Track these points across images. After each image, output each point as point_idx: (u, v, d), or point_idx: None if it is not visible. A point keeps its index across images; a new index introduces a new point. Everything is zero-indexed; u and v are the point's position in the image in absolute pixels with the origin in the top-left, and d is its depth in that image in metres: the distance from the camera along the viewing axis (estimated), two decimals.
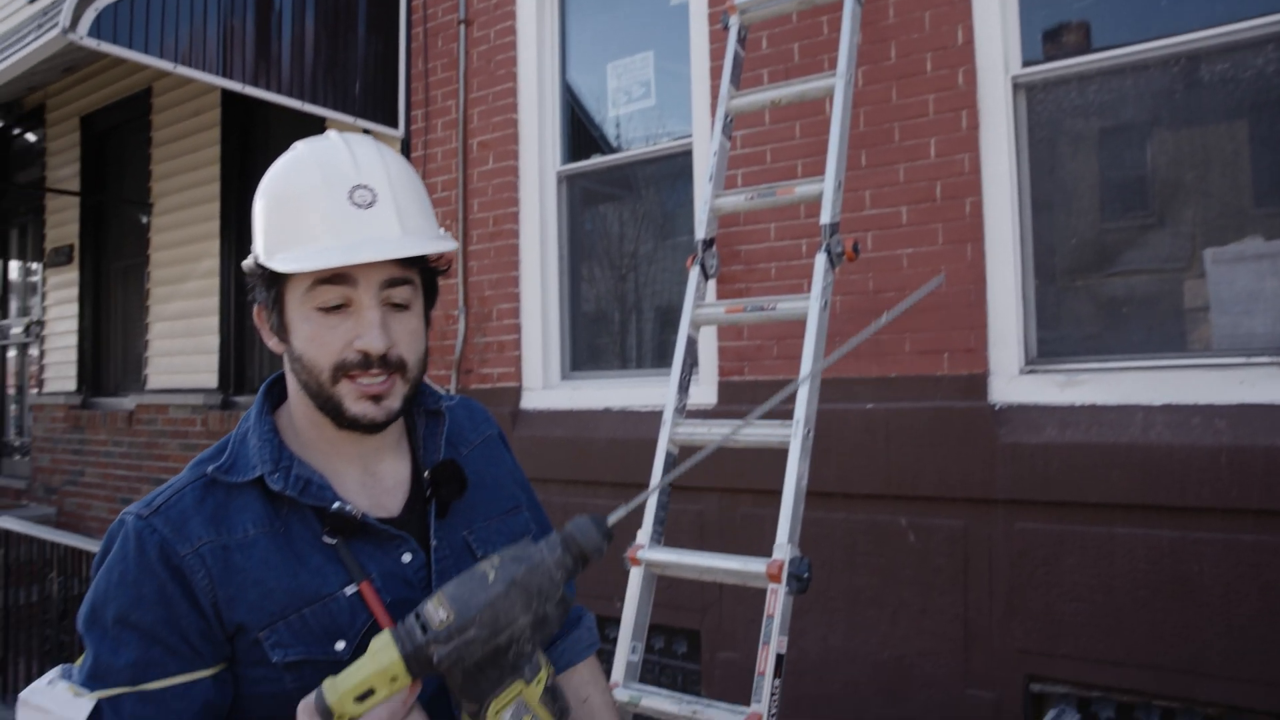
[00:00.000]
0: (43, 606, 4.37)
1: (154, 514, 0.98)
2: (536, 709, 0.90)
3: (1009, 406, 2.80)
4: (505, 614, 0.85)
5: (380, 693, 0.83)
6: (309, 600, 0.98)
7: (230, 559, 0.97)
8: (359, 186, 0.99)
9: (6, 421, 8.03)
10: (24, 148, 7.70)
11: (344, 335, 1.00)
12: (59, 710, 0.92)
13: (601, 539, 0.92)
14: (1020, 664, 2.73)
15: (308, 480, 1.02)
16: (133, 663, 0.93)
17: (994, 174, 2.87)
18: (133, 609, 0.94)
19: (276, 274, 1.00)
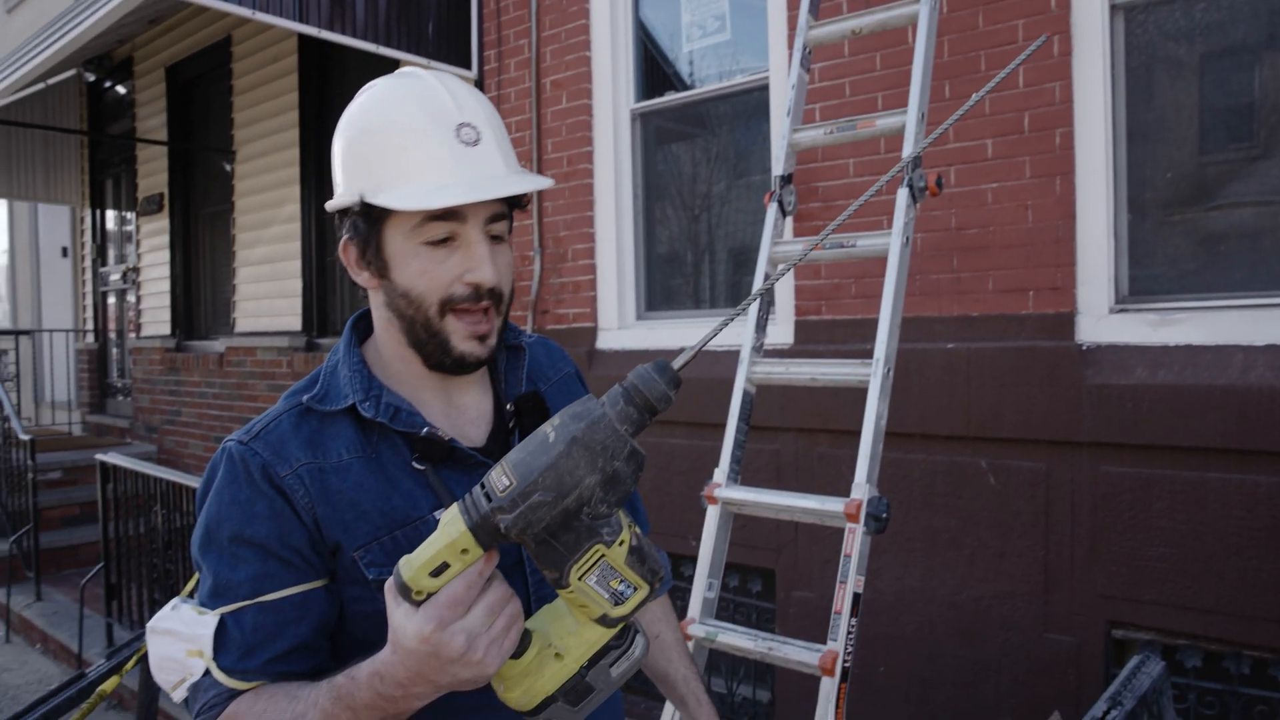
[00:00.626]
0: (149, 538, 4.63)
1: (254, 439, 1.02)
2: (623, 571, 0.87)
3: (1097, 347, 2.71)
4: (569, 474, 0.80)
5: (454, 566, 0.82)
6: (400, 523, 1.02)
7: (326, 480, 1.01)
8: (464, 124, 1.00)
9: (110, 364, 8.44)
10: (115, 100, 7.95)
11: (453, 269, 1.02)
12: (186, 630, 0.97)
13: (666, 386, 0.84)
14: (1102, 609, 2.68)
15: (397, 408, 1.05)
16: (251, 576, 0.97)
17: (1087, 103, 2.74)
18: (246, 526, 0.98)
19: (376, 211, 1.01)
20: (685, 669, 1.38)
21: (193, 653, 0.96)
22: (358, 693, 0.88)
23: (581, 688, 0.90)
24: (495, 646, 0.84)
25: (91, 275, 8.52)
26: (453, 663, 0.83)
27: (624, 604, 0.88)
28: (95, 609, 5.05)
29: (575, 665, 0.89)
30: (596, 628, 0.89)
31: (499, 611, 0.85)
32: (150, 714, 2.94)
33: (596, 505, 0.82)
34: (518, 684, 0.89)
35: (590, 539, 0.83)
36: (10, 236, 10.72)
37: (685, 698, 1.37)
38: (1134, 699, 2.01)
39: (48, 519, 6.20)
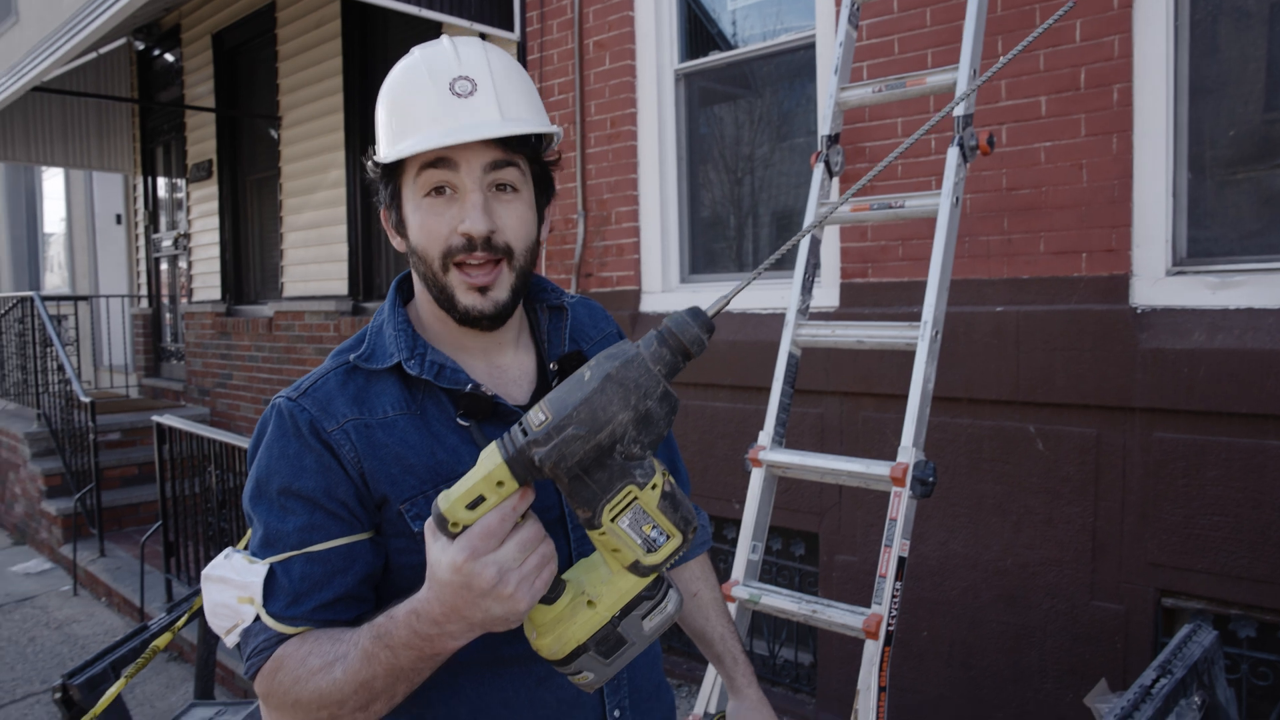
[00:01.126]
0: (204, 497, 4.76)
1: (302, 396, 1.05)
2: (656, 516, 0.87)
3: (1152, 310, 2.65)
4: (603, 410, 0.81)
5: (490, 499, 0.83)
6: (445, 477, 1.03)
7: (373, 436, 1.03)
8: (460, 78, 1.03)
9: (163, 328, 8.65)
10: (164, 67, 8.05)
11: (450, 221, 1.03)
12: (238, 577, 1.00)
13: (699, 330, 0.85)
14: (1152, 577, 2.64)
15: (442, 365, 1.06)
16: (299, 528, 1.00)
17: (1147, 57, 2.64)
18: (295, 479, 1.01)
19: (393, 170, 1.05)
20: (723, 628, 1.39)
21: (244, 599, 0.99)
22: (395, 631, 0.90)
23: (613, 639, 0.91)
24: (526, 584, 0.85)
25: (144, 242, 8.69)
26: (484, 595, 0.84)
27: (656, 551, 0.88)
28: (155, 565, 5.23)
29: (607, 614, 0.90)
30: (629, 576, 0.90)
31: (532, 549, 0.86)
32: (209, 666, 3.05)
33: (629, 445, 0.84)
34: (550, 630, 0.90)
35: (623, 479, 0.85)
36: (68, 205, 10.96)
37: (722, 656, 1.39)
38: (1184, 668, 1.99)
39: (108, 478, 6.41)
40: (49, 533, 6.49)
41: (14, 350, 7.74)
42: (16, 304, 7.69)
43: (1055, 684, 2.82)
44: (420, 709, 1.06)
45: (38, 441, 6.77)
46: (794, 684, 3.60)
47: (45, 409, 6.90)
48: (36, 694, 4.28)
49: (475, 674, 1.05)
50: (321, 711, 0.94)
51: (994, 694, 2.95)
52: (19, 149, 7.90)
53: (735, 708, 1.38)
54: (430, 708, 1.07)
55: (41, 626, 5.19)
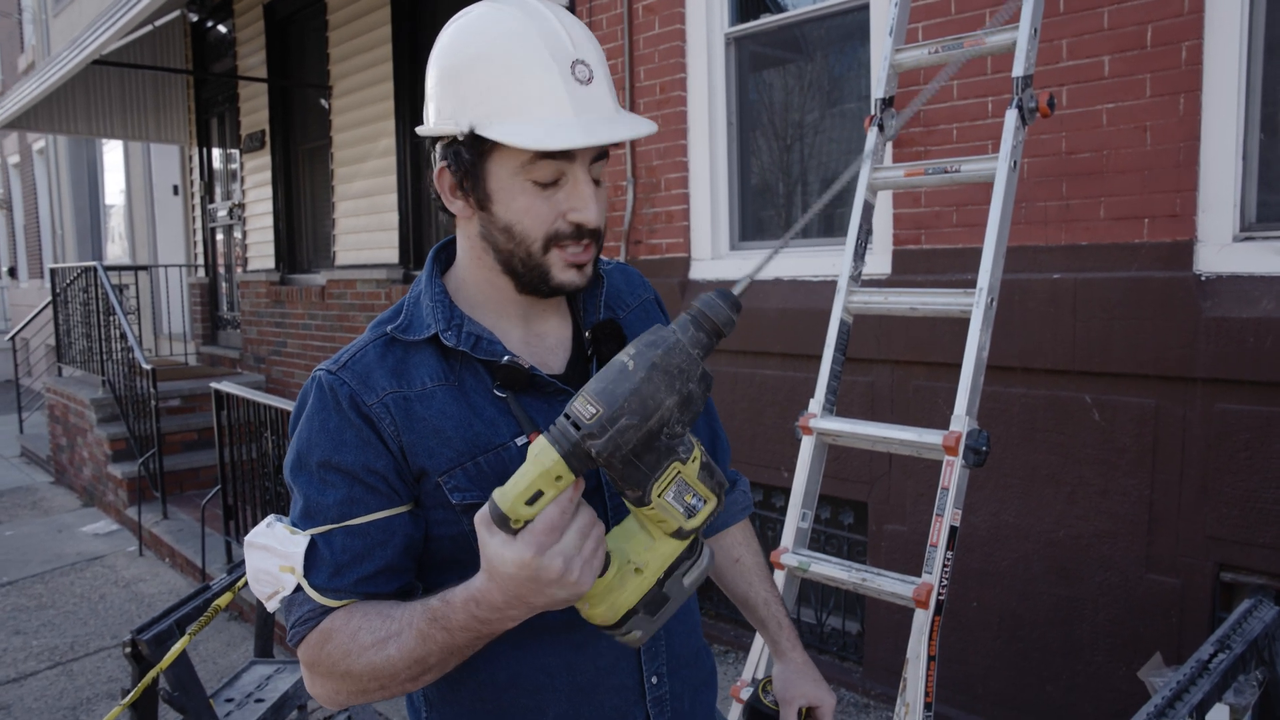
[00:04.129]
0: (260, 462, 4.88)
1: (341, 369, 1.05)
2: (695, 485, 0.92)
3: (1217, 277, 2.57)
4: (651, 398, 0.85)
5: (548, 494, 0.85)
6: (484, 449, 1.04)
7: (411, 409, 1.03)
8: (579, 61, 0.99)
9: (220, 297, 8.84)
10: (217, 39, 8.16)
11: (557, 207, 1.02)
12: (280, 547, 1.02)
13: (730, 310, 0.90)
14: (1211, 551, 2.59)
15: (479, 336, 1.06)
16: (339, 501, 1.01)
17: (1219, 12, 2.54)
18: (335, 453, 1.01)
19: (484, 145, 1.00)
20: (766, 592, 1.39)
21: (285, 568, 1.01)
22: (453, 615, 0.92)
23: (659, 598, 0.95)
24: (588, 567, 0.88)
25: (200, 212, 8.87)
26: (551, 584, 0.86)
27: (696, 516, 0.93)
28: (215, 527, 5.39)
29: (654, 578, 0.94)
30: (671, 541, 0.94)
31: (589, 534, 0.88)
32: (268, 626, 3.14)
33: (674, 426, 0.88)
34: (601, 600, 0.93)
35: (669, 458, 0.89)
36: (126, 176, 11.22)
37: (766, 621, 1.39)
38: (1244, 643, 1.95)
39: (170, 443, 6.61)
40: (115, 495, 6.72)
41: (79, 319, 7.97)
42: (81, 274, 7.92)
43: (1107, 657, 2.78)
44: (461, 674, 1.08)
45: (103, 407, 6.99)
46: (841, 652, 3.61)
47: (109, 376, 7.12)
48: (108, 648, 4.47)
49: (514, 641, 1.06)
50: (372, 683, 0.97)
51: (1044, 666, 2.92)
52: (80, 122, 8.09)
53: (781, 671, 1.38)
54: (473, 673, 1.08)
55: (110, 585, 5.40)
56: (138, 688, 2.35)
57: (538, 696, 1.09)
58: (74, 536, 6.45)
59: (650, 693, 1.15)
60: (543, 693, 1.09)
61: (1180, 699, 1.72)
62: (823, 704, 1.34)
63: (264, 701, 2.77)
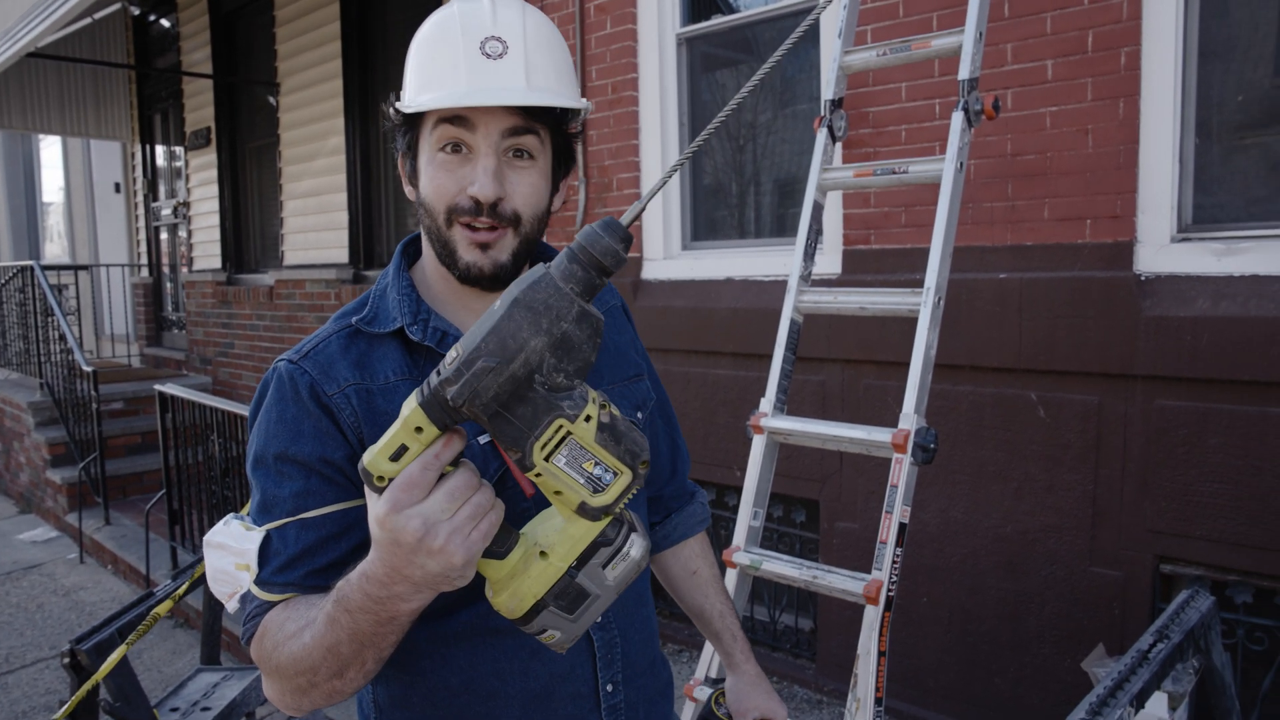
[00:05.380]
0: (207, 465, 4.78)
1: (303, 359, 1.03)
2: (595, 451, 0.81)
3: (1156, 277, 2.63)
4: (512, 337, 0.75)
5: (411, 449, 0.79)
6: None
7: (373, 402, 1.02)
8: (491, 38, 1.00)
9: (164, 298, 8.63)
10: (160, 33, 7.97)
11: (459, 180, 1.02)
12: (236, 544, 1.00)
13: (612, 241, 0.79)
14: (1151, 544, 2.65)
15: (445, 332, 1.06)
16: (294, 493, 0.99)
17: (1156, 20, 2.60)
18: (292, 444, 1.00)
19: (414, 120, 1.04)
20: (722, 605, 1.39)
21: (241, 566, 0.99)
22: (351, 594, 0.87)
23: (574, 591, 0.86)
24: (459, 535, 0.79)
25: (144, 210, 8.66)
26: (414, 551, 0.79)
27: (604, 491, 0.82)
28: (159, 533, 5.26)
29: (562, 564, 0.85)
30: (581, 522, 0.84)
31: (463, 499, 0.80)
32: (214, 632, 3.07)
33: (550, 374, 0.78)
34: (505, 587, 0.86)
35: (549, 412, 0.79)
36: (66, 173, 10.91)
37: (720, 633, 1.39)
38: (1181, 633, 2.00)
39: (112, 447, 6.43)
40: (54, 501, 6.53)
41: (15, 320, 7.74)
42: (17, 273, 7.68)
43: (1053, 649, 2.84)
44: (412, 678, 1.07)
45: (41, 411, 6.78)
46: (794, 649, 3.64)
47: (48, 378, 6.91)
48: (45, 659, 4.33)
49: (468, 644, 1.05)
50: (300, 678, 0.93)
51: (992, 659, 2.97)
52: (15, 116, 7.84)
53: (734, 683, 1.38)
54: (423, 677, 1.07)
55: (49, 594, 5.24)
56: (73, 698, 2.29)
57: (491, 703, 1.07)
58: (10, 544, 6.25)
59: (605, 701, 1.13)
60: (496, 699, 1.07)
61: (1121, 689, 1.76)
62: (775, 715, 1.35)
63: (210, 710, 2.70)
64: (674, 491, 1.38)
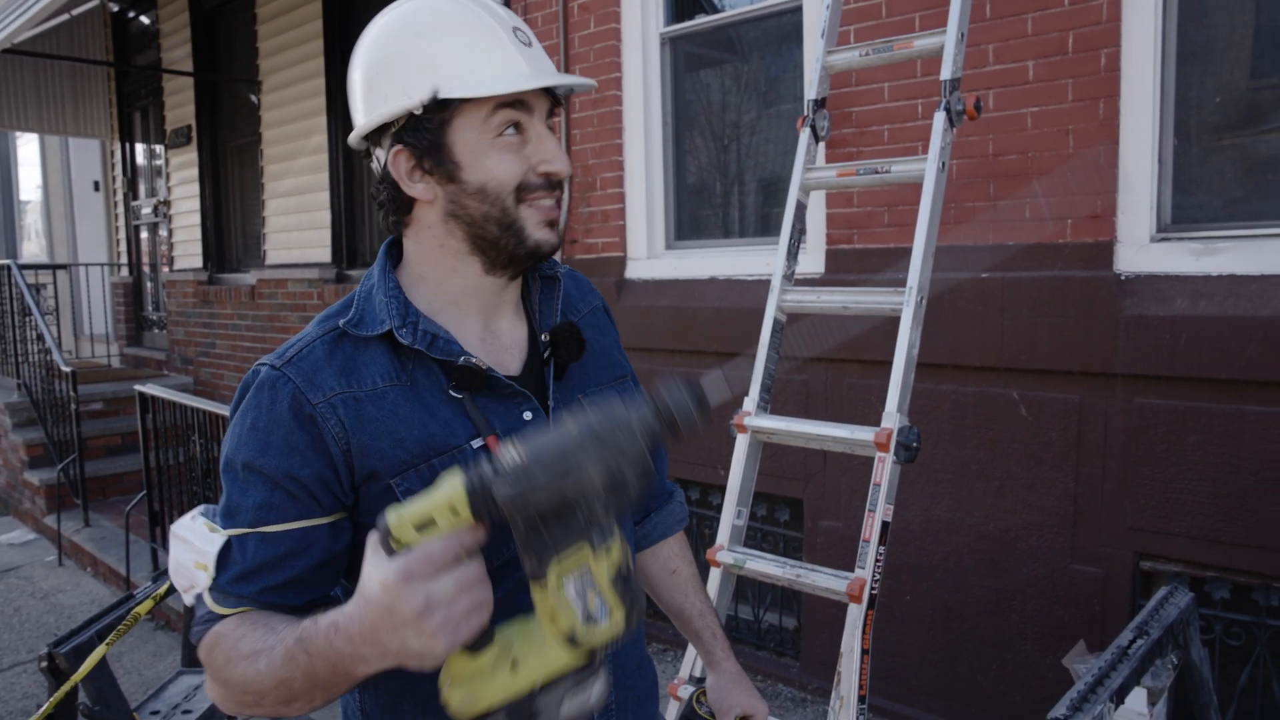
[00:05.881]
0: (188, 466, 4.74)
1: (287, 364, 1.01)
2: (604, 589, 0.82)
3: (1136, 276, 2.66)
4: (578, 465, 0.78)
5: (440, 524, 0.80)
6: (439, 450, 1.01)
7: (362, 409, 1.00)
8: (518, 29, 1.04)
9: (145, 297, 8.55)
10: (140, 30, 7.89)
11: (525, 159, 1.03)
12: (198, 543, 0.99)
13: (695, 412, 0.82)
14: (1131, 541, 2.68)
15: (434, 335, 1.03)
16: (257, 505, 0.98)
17: (1136, 22, 2.63)
18: (260, 455, 0.98)
19: (443, 112, 1.00)
20: (701, 604, 1.40)
21: (200, 565, 0.98)
22: (315, 639, 0.86)
23: (526, 711, 0.85)
24: (449, 626, 0.80)
25: (124, 209, 8.57)
26: (405, 624, 0.79)
27: (594, 628, 0.83)
28: (140, 534, 5.21)
29: (528, 683, 0.85)
30: (560, 651, 0.85)
31: (466, 591, 0.81)
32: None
33: (594, 504, 0.80)
34: (464, 684, 0.85)
35: (578, 538, 0.81)
36: (44, 172, 10.79)
37: (700, 632, 1.39)
38: (1160, 629, 2.02)
39: (92, 448, 6.37)
40: (32, 503, 6.46)
41: None
42: None
43: (1035, 646, 2.86)
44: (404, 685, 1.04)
45: (18, 412, 6.71)
46: (778, 648, 3.64)
47: (25, 379, 6.84)
48: (24, 663, 4.29)
49: None
50: (246, 696, 0.93)
51: (975, 656, 2.99)
52: None
53: (715, 681, 1.38)
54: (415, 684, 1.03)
55: (27, 596, 5.18)
56: (50, 701, 2.26)
57: None
58: None
59: None
60: None
61: (1101, 685, 1.77)
62: (756, 713, 1.35)
63: (191, 712, 2.68)
64: (653, 491, 1.38)
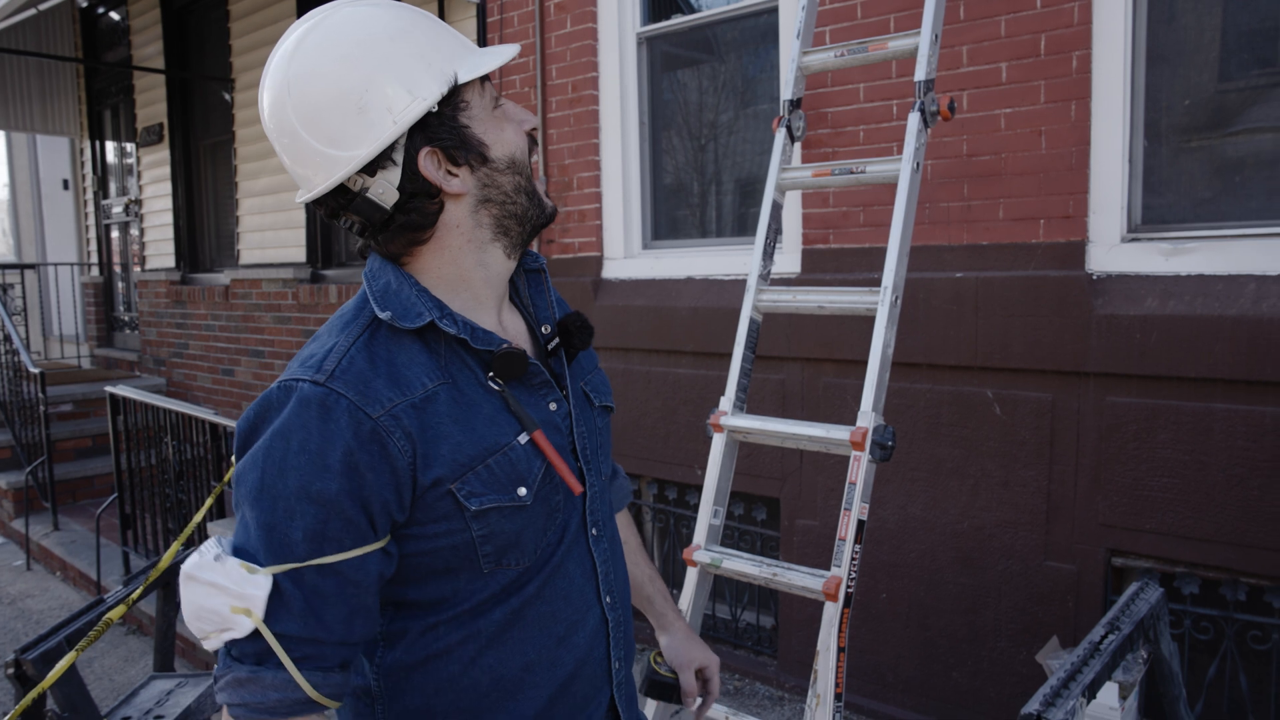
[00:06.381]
0: (161, 468, 4.68)
1: (331, 379, 0.93)
2: None
3: (1107, 276, 2.69)
4: None
5: None
6: (491, 450, 0.99)
7: (423, 417, 0.96)
8: None
9: (116, 297, 8.44)
10: (110, 26, 7.78)
11: (513, 124, 1.07)
12: (233, 586, 0.90)
13: None
14: (1103, 538, 2.71)
15: (474, 326, 1.01)
16: (310, 535, 0.91)
17: (1106, 24, 2.66)
18: (316, 479, 0.91)
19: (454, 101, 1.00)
20: (650, 569, 1.44)
21: (238, 609, 0.91)
22: None
23: None
24: None
25: (94, 208, 8.45)
26: None
27: None
28: (111, 538, 5.14)
29: None
30: None
31: None
32: (168, 639, 3.01)
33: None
34: None
35: None
36: (10, 170, 10.62)
37: (652, 596, 1.44)
38: (1131, 624, 2.04)
39: (61, 451, 6.27)
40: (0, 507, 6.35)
41: None
42: None
43: (1010, 643, 2.89)
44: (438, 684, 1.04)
45: None
46: (756, 647, 3.65)
47: None
48: None
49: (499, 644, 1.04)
50: None
51: (950, 654, 3.01)
52: None
53: (669, 641, 1.44)
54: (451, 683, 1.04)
55: None
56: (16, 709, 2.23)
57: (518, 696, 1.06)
58: None
59: (615, 676, 1.17)
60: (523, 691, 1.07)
61: (1074, 680, 1.79)
62: (710, 664, 1.43)
63: (164, 718, 2.65)
64: None
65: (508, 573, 1.03)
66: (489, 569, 1.02)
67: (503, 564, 1.02)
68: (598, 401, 1.20)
